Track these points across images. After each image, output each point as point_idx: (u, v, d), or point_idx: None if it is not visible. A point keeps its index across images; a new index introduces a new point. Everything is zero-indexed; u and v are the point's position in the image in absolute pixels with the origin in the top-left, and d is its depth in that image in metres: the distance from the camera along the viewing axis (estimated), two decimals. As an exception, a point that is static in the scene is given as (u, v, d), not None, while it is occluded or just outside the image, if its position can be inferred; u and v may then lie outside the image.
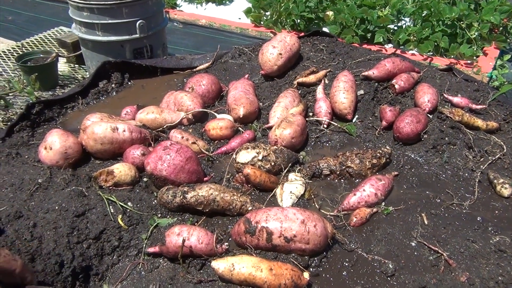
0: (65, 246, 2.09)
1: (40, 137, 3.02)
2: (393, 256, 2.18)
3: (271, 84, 3.60)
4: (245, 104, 3.09)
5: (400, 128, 2.88)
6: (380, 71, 3.34)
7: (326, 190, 2.63)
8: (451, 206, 2.49)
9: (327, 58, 3.75)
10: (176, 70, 4.01)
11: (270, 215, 2.08)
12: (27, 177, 2.43)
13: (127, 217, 2.30)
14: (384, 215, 2.42)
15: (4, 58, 4.60)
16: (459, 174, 2.71)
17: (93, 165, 2.75)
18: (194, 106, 3.14)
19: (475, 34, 4.45)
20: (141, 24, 3.88)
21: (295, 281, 1.92)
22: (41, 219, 2.16)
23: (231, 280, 1.96)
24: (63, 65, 4.57)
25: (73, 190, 2.34)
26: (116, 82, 3.79)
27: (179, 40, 5.45)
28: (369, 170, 2.68)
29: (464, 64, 4.25)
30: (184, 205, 2.34)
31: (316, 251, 2.11)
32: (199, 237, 2.11)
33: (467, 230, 2.31)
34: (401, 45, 4.59)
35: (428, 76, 3.47)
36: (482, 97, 3.24)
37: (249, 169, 2.50)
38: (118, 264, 2.19)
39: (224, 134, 2.97)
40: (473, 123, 2.96)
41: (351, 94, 3.13)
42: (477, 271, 2.07)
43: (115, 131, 2.70)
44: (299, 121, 2.85)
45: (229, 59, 4.05)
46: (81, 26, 3.90)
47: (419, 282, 2.03)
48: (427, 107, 3.05)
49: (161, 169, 2.42)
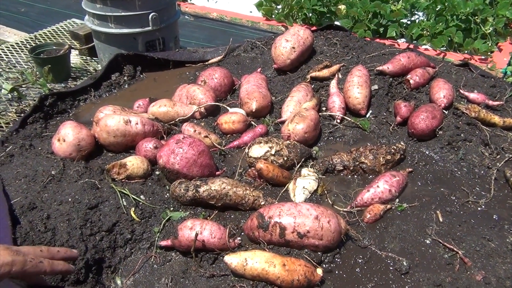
0: (78, 238, 2.09)
1: (53, 129, 3.03)
2: (407, 253, 2.16)
3: (283, 78, 3.57)
4: (257, 98, 3.07)
5: (415, 124, 2.85)
6: (395, 66, 3.30)
7: (339, 185, 2.61)
8: (466, 203, 2.45)
9: (341, 52, 3.71)
10: (188, 63, 3.99)
11: (284, 210, 2.07)
12: (41, 169, 2.44)
13: (140, 210, 2.30)
14: (398, 212, 2.39)
15: (17, 50, 4.61)
16: (475, 171, 2.67)
17: (106, 158, 2.75)
18: (206, 100, 3.13)
19: (490, 29, 4.37)
20: (153, 17, 3.86)
21: (308, 277, 1.91)
22: (55, 211, 2.17)
23: (243, 275, 1.95)
24: (75, 57, 4.57)
25: (86, 182, 2.35)
26: (128, 75, 3.79)
27: (190, 33, 5.43)
28: (383, 166, 2.65)
29: (478, 59, 4.18)
30: (196, 199, 2.33)
31: (329, 247, 2.09)
32: (211, 232, 2.11)
33: (483, 228, 2.27)
34: (414, 40, 4.53)
35: (444, 72, 3.42)
36: (499, 93, 3.18)
37: (261, 163, 2.49)
38: (130, 257, 2.20)
39: (237, 128, 2.95)
40: (490, 120, 2.92)
41: (365, 89, 3.10)
42: (493, 270, 2.05)
43: (128, 123, 2.70)
44: (312, 116, 2.82)
45: (242, 52, 4.02)
46: (94, 18, 3.90)
47: (434, 281, 2.01)
48: (443, 103, 3.00)
49: (173, 163, 2.41)
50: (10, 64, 4.30)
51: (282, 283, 1.89)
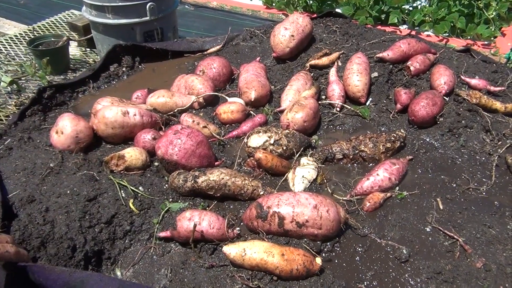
0: (77, 230, 2.10)
1: (52, 121, 3.02)
2: (407, 241, 2.15)
3: (283, 66, 3.54)
4: (256, 88, 3.04)
5: (415, 111, 2.82)
6: (395, 53, 3.26)
7: (338, 174, 2.59)
8: (467, 190, 2.44)
9: (340, 39, 3.67)
10: (187, 53, 3.96)
11: (282, 200, 2.06)
12: (39, 162, 2.44)
13: (138, 202, 2.30)
14: (398, 200, 2.38)
15: (16, 42, 4.60)
16: (476, 158, 2.65)
17: (104, 150, 2.74)
18: (205, 90, 3.11)
19: (493, 14, 4.31)
20: (151, 7, 3.83)
21: (307, 266, 1.91)
22: (53, 203, 2.17)
23: (242, 265, 1.95)
24: (74, 49, 4.55)
25: (84, 174, 2.35)
26: (127, 66, 3.77)
27: (190, 23, 5.39)
28: (383, 154, 2.63)
29: (481, 45, 4.13)
30: (195, 189, 2.33)
31: (328, 236, 2.08)
32: (210, 222, 2.10)
33: (483, 215, 2.26)
34: (416, 26, 4.48)
35: (445, 58, 3.37)
36: (501, 78, 3.14)
37: (260, 153, 2.47)
38: (130, 249, 2.20)
39: (235, 118, 2.94)
40: (491, 106, 2.88)
41: (365, 77, 3.07)
42: (494, 257, 2.04)
43: (126, 115, 2.69)
44: (311, 105, 2.80)
45: (240, 41, 3.99)
46: (91, 9, 3.86)
47: (434, 268, 2.00)
48: (444, 90, 2.97)
49: (172, 154, 2.40)
50: (9, 57, 4.29)
51: (281, 272, 1.89)
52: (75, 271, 1.79)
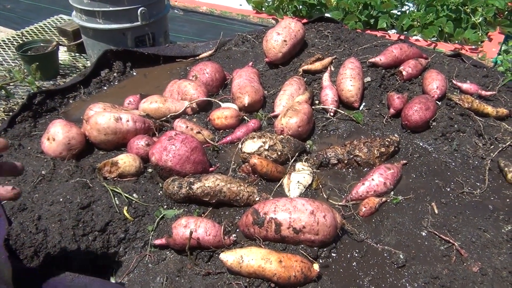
0: (71, 239, 2.05)
1: (43, 127, 2.97)
2: (403, 246, 2.15)
3: (276, 72, 3.54)
4: (250, 93, 3.03)
5: (409, 115, 2.83)
6: (388, 58, 3.28)
7: (333, 179, 2.59)
8: (461, 194, 2.45)
9: (333, 44, 3.68)
10: (178, 58, 3.94)
11: (279, 206, 2.05)
12: (31, 169, 2.40)
13: (133, 209, 2.27)
14: (394, 205, 2.38)
15: (4, 47, 4.53)
16: (469, 162, 2.67)
17: (97, 156, 2.71)
18: (198, 95, 3.09)
19: (479, 19, 4.36)
20: (142, 11, 3.81)
21: (305, 272, 1.89)
22: (46, 212, 2.12)
23: (240, 272, 1.93)
24: (63, 54, 4.51)
25: (77, 181, 2.31)
26: (118, 71, 3.73)
27: (180, 27, 5.37)
28: (377, 159, 2.64)
29: (468, 49, 4.18)
30: (190, 196, 2.30)
31: (325, 242, 2.07)
32: (206, 229, 2.08)
33: (478, 219, 2.27)
34: (404, 30, 4.51)
35: (436, 62, 3.41)
36: (492, 83, 3.18)
37: (255, 159, 2.46)
38: (124, 257, 2.16)
39: (229, 123, 2.92)
40: (483, 110, 2.91)
41: (358, 82, 3.08)
42: (489, 261, 2.05)
43: (118, 121, 2.66)
44: (305, 110, 2.80)
45: (233, 46, 3.98)
46: (81, 14, 3.83)
47: (431, 273, 2.00)
48: (436, 94, 2.99)
49: (166, 160, 2.38)
50: (-3, 62, 4.23)
51: (279, 279, 1.88)
52: (77, 276, 1.76)
